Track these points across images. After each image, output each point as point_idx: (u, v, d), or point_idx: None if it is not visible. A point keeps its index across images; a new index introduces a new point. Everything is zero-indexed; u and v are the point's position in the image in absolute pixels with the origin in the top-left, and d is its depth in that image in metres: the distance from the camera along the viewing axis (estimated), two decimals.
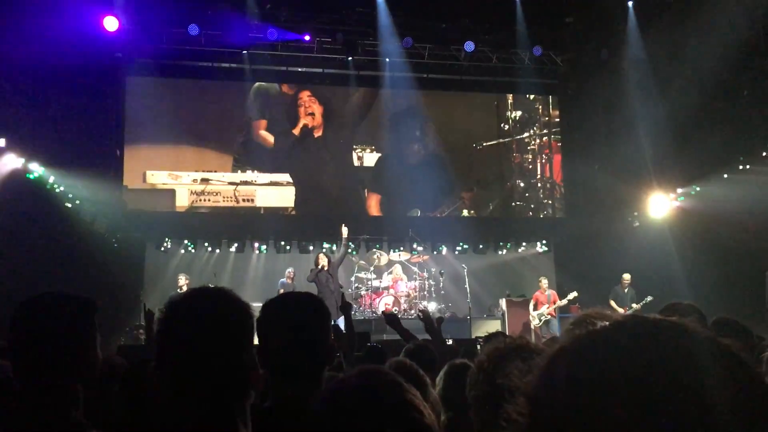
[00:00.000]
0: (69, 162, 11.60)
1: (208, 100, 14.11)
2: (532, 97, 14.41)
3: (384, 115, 14.53)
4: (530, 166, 13.93)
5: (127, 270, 12.85)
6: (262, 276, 13.88)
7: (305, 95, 14.11)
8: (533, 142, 13.95)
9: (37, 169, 11.35)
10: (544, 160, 13.94)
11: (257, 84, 13.80)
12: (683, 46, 12.20)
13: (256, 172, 13.26)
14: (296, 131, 13.85)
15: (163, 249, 13.74)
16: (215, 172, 12.88)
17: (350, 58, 14.56)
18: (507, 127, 13.88)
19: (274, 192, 13.27)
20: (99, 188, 12.28)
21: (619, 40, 13.75)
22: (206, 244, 13.98)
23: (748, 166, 11.43)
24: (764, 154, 11.11)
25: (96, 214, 12.35)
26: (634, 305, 11.76)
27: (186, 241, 13.84)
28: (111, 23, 12.47)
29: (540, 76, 15.35)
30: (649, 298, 11.52)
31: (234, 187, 13.02)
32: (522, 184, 14.00)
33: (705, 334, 0.68)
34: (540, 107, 14.16)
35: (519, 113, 13.90)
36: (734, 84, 11.86)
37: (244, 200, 13.32)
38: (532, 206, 14.83)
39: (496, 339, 1.84)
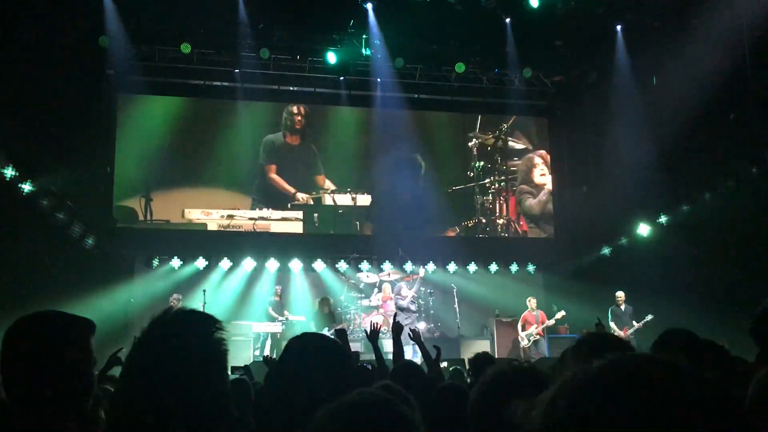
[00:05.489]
0: (59, 177, 11.52)
1: (197, 116, 14.74)
2: (489, 147, 16.29)
3: (378, 160, 15.17)
4: (491, 206, 16.06)
5: (115, 287, 12.74)
6: (251, 294, 13.79)
7: None
8: (493, 187, 16.12)
9: (26, 185, 11.23)
10: (502, 201, 16.16)
11: (266, 137, 15.07)
12: (670, 69, 12.37)
13: (270, 209, 15.05)
14: None
15: (154, 266, 13.71)
16: (238, 209, 14.98)
17: (342, 78, 14.69)
18: (472, 174, 16.07)
19: (285, 225, 15.07)
20: (90, 205, 12.21)
21: (607, 62, 13.93)
22: (195, 263, 13.91)
23: (737, 183, 11.42)
24: (754, 170, 11.06)
25: (85, 231, 12.25)
26: (635, 323, 11.52)
27: (176, 257, 13.79)
28: (103, 41, 12.60)
29: (530, 97, 15.56)
30: (650, 317, 11.29)
31: (253, 221, 14.75)
32: (483, 221, 16.00)
33: (696, 374, 0.68)
34: (499, 158, 16.26)
35: (482, 163, 16.15)
36: (721, 107, 11.96)
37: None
38: None
39: (492, 369, 1.73)
